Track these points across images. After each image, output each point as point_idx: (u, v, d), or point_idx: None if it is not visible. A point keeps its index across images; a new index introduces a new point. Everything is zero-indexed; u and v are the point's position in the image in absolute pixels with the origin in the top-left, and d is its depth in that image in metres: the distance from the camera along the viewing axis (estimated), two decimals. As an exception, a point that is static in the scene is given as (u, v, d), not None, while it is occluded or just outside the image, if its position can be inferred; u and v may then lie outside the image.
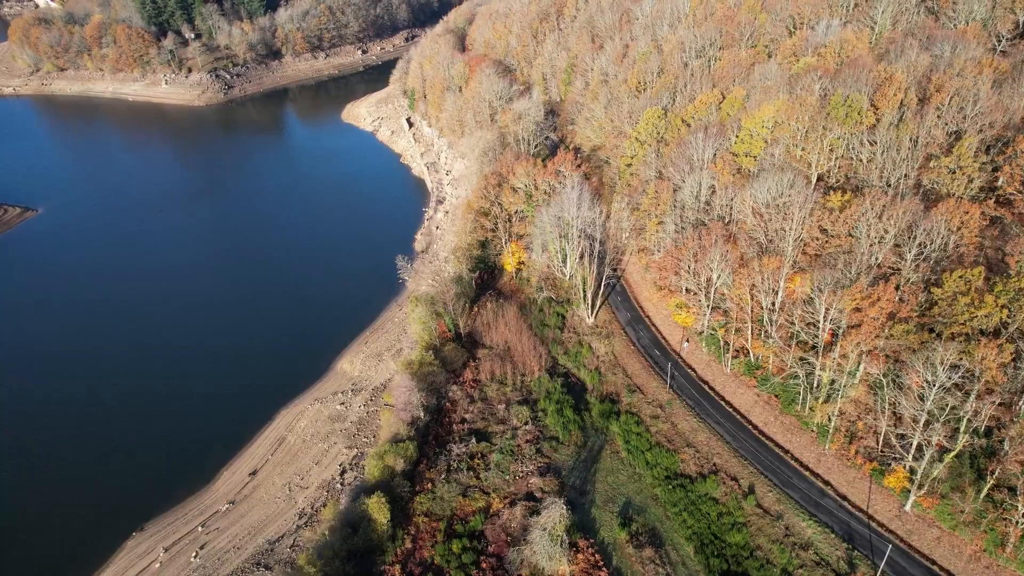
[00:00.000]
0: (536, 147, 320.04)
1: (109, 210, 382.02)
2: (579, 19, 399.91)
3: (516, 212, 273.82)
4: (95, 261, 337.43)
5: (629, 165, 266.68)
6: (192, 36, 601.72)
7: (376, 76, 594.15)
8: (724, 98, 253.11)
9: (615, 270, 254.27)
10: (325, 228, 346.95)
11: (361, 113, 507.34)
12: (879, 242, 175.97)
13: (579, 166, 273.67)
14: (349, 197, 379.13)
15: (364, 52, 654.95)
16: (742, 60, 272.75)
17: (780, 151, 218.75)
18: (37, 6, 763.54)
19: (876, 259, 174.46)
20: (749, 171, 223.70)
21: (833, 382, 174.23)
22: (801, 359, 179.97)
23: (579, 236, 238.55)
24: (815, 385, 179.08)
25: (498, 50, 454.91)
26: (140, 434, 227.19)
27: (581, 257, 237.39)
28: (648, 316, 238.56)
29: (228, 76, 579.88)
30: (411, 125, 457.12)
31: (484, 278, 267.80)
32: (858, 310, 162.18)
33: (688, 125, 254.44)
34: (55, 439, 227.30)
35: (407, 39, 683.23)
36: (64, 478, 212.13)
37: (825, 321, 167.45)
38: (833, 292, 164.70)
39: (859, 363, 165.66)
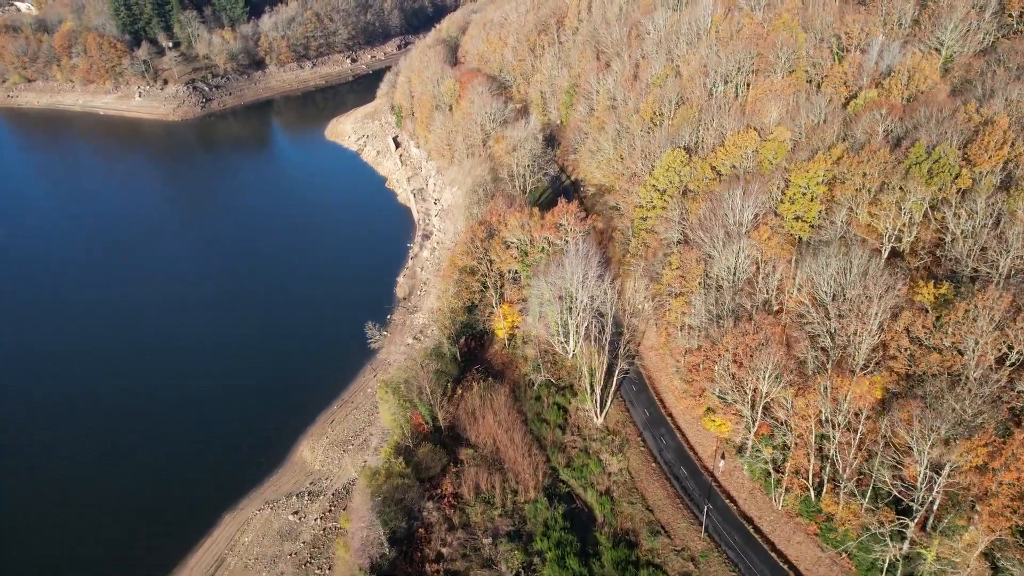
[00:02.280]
0: (533, 184, 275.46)
1: (61, 236, 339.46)
2: (582, 32, 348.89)
3: (509, 272, 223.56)
4: (37, 297, 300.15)
5: (644, 219, 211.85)
6: (169, 45, 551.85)
7: (366, 86, 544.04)
8: (762, 140, 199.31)
9: (631, 360, 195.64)
10: (299, 269, 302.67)
11: (346, 130, 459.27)
12: (1002, 364, 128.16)
13: (584, 218, 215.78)
14: (327, 231, 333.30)
15: (353, 61, 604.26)
16: (780, 89, 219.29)
17: (843, 216, 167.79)
18: (19, 10, 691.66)
19: (999, 386, 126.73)
20: (802, 240, 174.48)
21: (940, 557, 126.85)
22: (891, 522, 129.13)
23: (585, 310, 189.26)
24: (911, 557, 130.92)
25: (492, 64, 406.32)
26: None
27: (587, 337, 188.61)
28: (671, 415, 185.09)
29: (207, 88, 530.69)
30: (398, 145, 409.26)
31: (471, 346, 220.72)
32: (982, 470, 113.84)
33: (718, 173, 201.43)
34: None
35: (400, 46, 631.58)
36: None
37: (929, 483, 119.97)
38: (941, 441, 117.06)
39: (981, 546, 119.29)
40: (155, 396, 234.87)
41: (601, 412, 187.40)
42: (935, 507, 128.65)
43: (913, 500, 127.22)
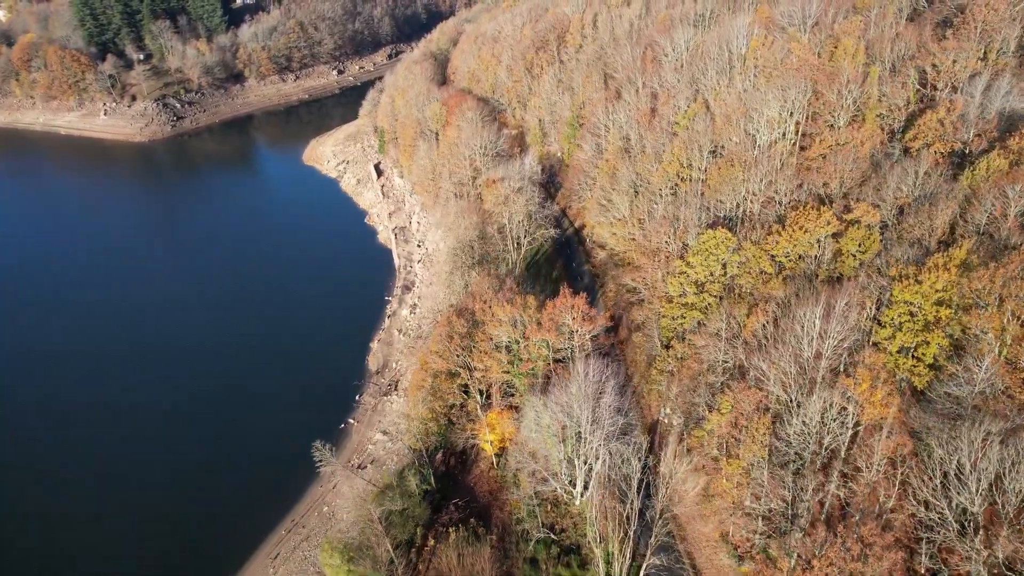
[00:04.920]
0: (528, 242, 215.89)
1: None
2: (586, 51, 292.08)
3: (497, 381, 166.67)
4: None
5: (675, 318, 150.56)
6: (140, 58, 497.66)
7: (354, 99, 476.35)
8: (845, 225, 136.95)
9: (665, 550, 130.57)
10: (257, 329, 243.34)
11: (325, 153, 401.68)
12: None
13: (593, 317, 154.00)
14: (294, 282, 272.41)
15: (340, 72, 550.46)
16: (858, 142, 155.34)
17: (986, 361, 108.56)
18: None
19: None
20: (916, 390, 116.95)
21: None
22: None
23: (600, 460, 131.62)
24: None
25: (484, 84, 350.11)
26: None
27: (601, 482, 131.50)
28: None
29: (178, 105, 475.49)
30: (380, 173, 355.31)
31: (450, 464, 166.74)
32: None
33: (780, 267, 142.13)
34: None
35: (390, 56, 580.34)
36: None
37: None
38: None
39: None
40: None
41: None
42: None
43: None
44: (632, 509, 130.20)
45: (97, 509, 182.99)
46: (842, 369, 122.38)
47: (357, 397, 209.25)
